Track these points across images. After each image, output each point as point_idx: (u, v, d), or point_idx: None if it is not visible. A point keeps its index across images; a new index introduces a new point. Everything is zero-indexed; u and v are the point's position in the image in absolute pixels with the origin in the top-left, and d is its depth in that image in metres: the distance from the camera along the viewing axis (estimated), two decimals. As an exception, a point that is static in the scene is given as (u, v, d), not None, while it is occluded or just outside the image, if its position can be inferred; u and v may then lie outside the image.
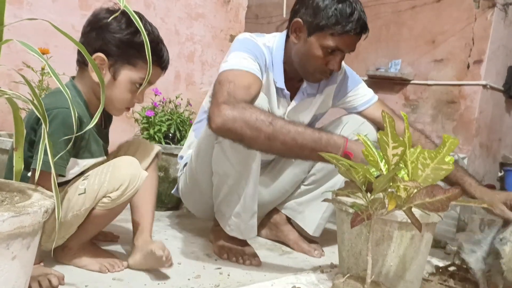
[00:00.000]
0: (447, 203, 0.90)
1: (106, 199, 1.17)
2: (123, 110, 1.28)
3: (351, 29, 1.38)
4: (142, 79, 1.20)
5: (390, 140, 0.94)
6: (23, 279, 0.71)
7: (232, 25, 2.82)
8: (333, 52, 1.43)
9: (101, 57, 1.17)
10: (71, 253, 1.23)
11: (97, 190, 1.15)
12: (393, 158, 0.96)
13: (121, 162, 1.19)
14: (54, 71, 0.77)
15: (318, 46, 1.41)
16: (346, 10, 1.37)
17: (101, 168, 1.19)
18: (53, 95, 1.15)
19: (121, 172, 1.16)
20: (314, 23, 1.40)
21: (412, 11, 3.79)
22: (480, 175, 3.63)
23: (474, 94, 3.45)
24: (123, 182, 1.16)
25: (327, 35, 1.39)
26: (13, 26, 1.87)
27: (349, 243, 1.17)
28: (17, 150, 0.82)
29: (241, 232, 1.47)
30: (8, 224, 0.64)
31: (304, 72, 1.50)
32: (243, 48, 1.39)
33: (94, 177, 1.17)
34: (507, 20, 3.50)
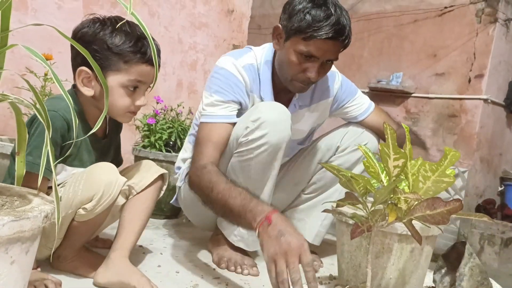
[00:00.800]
0: (448, 216, 0.90)
1: (83, 211, 1.12)
2: (128, 115, 1.23)
3: (324, 33, 1.30)
4: (132, 81, 1.17)
5: (392, 151, 0.94)
6: (21, 283, 0.71)
7: (235, 35, 2.83)
8: (309, 58, 1.36)
9: (85, 70, 1.14)
10: (66, 261, 1.21)
11: (72, 199, 1.11)
12: (394, 170, 0.96)
13: (96, 169, 1.14)
14: (57, 77, 0.77)
15: (293, 51, 1.37)
16: (319, 14, 1.31)
17: (77, 175, 1.15)
18: (48, 100, 1.16)
19: (95, 180, 1.11)
20: (288, 27, 1.36)
21: (414, 25, 3.82)
22: (480, 190, 3.63)
23: (475, 108, 3.46)
24: (97, 191, 1.10)
25: (300, 39, 1.34)
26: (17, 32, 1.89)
27: (348, 255, 1.17)
28: (20, 154, 0.82)
29: (247, 244, 1.47)
30: (7, 228, 0.64)
31: (284, 80, 1.46)
32: (216, 87, 1.43)
33: (70, 185, 1.13)
34: (508, 35, 3.53)
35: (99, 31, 1.15)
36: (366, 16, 4.10)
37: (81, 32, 1.15)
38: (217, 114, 1.41)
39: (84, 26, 1.17)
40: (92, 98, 1.17)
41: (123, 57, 1.14)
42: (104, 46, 1.14)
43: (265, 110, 1.34)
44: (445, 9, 3.64)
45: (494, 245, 3.21)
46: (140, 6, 2.37)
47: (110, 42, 1.14)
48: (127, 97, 1.19)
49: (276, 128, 1.32)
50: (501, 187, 3.83)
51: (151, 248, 1.53)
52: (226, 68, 1.44)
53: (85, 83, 1.16)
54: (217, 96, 1.41)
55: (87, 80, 1.15)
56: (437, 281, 1.33)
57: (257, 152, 1.33)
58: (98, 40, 1.14)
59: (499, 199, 3.81)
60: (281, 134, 1.33)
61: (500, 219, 3.51)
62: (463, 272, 1.22)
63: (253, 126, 1.32)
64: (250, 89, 1.47)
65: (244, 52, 1.51)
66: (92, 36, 1.14)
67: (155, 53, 0.87)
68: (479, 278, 1.24)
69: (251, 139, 1.33)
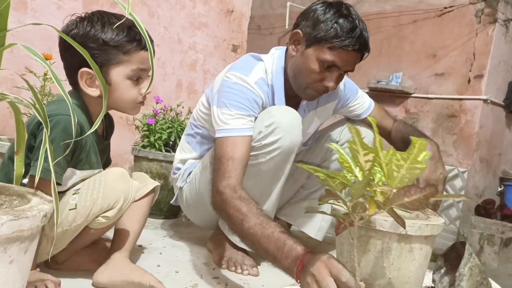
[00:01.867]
0: (425, 201, 0.90)
1: (103, 219, 1.13)
2: (137, 106, 1.23)
3: (350, 44, 1.33)
4: (135, 71, 1.17)
5: (360, 148, 0.95)
6: (20, 283, 0.71)
7: (235, 35, 2.83)
8: (329, 68, 1.37)
9: (86, 71, 1.13)
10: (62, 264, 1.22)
11: (90, 207, 1.11)
12: (366, 164, 0.97)
13: (112, 176, 1.15)
14: (57, 76, 0.77)
15: (315, 59, 1.37)
16: (347, 25, 1.33)
17: (92, 183, 1.14)
18: (56, 103, 1.13)
19: (114, 189, 1.12)
20: (313, 35, 1.36)
21: (414, 25, 3.82)
22: (480, 190, 3.63)
23: (474, 108, 3.46)
24: (118, 199, 1.12)
25: (325, 48, 1.35)
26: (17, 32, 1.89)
27: (347, 254, 1.17)
28: (18, 154, 0.82)
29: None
30: (6, 228, 0.64)
31: (297, 87, 1.45)
32: (234, 103, 1.36)
33: (86, 193, 1.13)
34: (508, 35, 3.53)
35: (89, 29, 1.13)
36: (366, 17, 4.09)
37: (71, 34, 1.13)
38: (239, 128, 1.34)
39: (71, 27, 1.15)
40: (99, 97, 1.16)
41: (121, 49, 1.14)
42: (100, 42, 1.12)
43: (278, 115, 1.33)
44: (444, 9, 3.64)
45: (494, 245, 3.21)
46: (139, 7, 2.37)
47: (104, 37, 1.12)
48: (134, 88, 1.18)
49: (289, 134, 1.32)
50: (501, 187, 3.83)
51: (150, 248, 1.53)
52: (240, 83, 1.39)
53: (88, 84, 1.15)
54: (237, 110, 1.35)
55: (90, 80, 1.14)
56: (437, 281, 1.33)
57: (269, 157, 1.34)
58: (91, 37, 1.12)
59: (499, 199, 3.82)
60: (294, 138, 1.34)
61: (500, 219, 3.51)
62: (463, 272, 1.22)
63: (267, 131, 1.32)
64: (265, 103, 1.44)
65: (251, 67, 1.44)
66: (84, 36, 1.12)
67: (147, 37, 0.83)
68: (478, 278, 1.24)
69: (264, 144, 1.33)
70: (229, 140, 1.32)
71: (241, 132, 1.33)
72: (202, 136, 1.61)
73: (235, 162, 1.29)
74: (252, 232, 1.14)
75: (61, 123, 1.05)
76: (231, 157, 1.30)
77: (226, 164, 1.29)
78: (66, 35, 1.12)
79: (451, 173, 3.52)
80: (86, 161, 1.17)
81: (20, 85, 1.82)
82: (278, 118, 1.32)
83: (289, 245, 1.11)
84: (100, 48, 1.13)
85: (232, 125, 1.34)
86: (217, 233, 1.56)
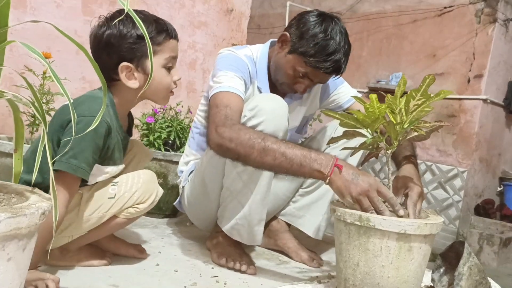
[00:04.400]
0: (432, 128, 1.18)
1: (133, 210, 1.24)
2: (169, 95, 1.29)
3: (323, 67, 1.44)
4: (168, 59, 1.23)
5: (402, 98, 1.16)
6: (18, 281, 0.71)
7: (234, 34, 2.83)
8: (302, 77, 1.49)
9: (125, 65, 1.19)
10: (69, 254, 1.24)
11: (127, 198, 1.22)
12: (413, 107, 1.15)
13: (149, 176, 1.26)
14: (56, 74, 0.77)
15: (292, 66, 1.48)
16: (327, 50, 1.42)
17: (130, 178, 1.24)
18: (86, 102, 1.15)
19: (149, 186, 1.25)
20: (296, 45, 1.46)
21: (414, 25, 3.82)
22: (479, 190, 3.63)
23: (474, 108, 3.46)
24: (151, 195, 1.25)
25: (302, 61, 1.45)
26: (16, 30, 1.89)
27: (346, 253, 1.16)
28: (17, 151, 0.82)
29: (245, 238, 1.48)
30: (4, 225, 0.64)
31: (275, 80, 1.56)
32: (228, 66, 1.45)
33: (125, 186, 1.23)
34: (507, 35, 3.53)
35: (122, 27, 1.19)
36: (366, 16, 4.10)
37: (106, 35, 1.19)
38: (236, 87, 1.40)
39: (103, 28, 1.21)
40: (137, 89, 1.22)
41: (154, 41, 1.19)
42: (134, 37, 1.18)
43: (262, 100, 1.36)
44: (444, 9, 3.64)
45: (493, 245, 3.21)
46: (139, 5, 2.37)
47: (137, 32, 1.18)
48: (168, 76, 1.25)
49: (272, 117, 1.33)
50: (500, 187, 3.83)
51: (149, 247, 1.53)
52: (232, 54, 1.51)
53: (128, 77, 1.21)
54: (232, 72, 1.44)
55: (130, 73, 1.20)
56: (436, 280, 1.33)
57: None
58: (126, 35, 1.18)
59: (498, 199, 3.82)
60: (278, 122, 1.34)
61: (499, 219, 3.52)
62: (462, 272, 1.22)
63: (250, 115, 1.33)
64: (252, 75, 1.54)
65: (240, 47, 1.59)
66: (120, 35, 1.19)
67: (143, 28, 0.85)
68: (477, 278, 1.24)
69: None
70: (224, 93, 1.37)
71: (234, 90, 1.39)
72: (201, 135, 1.63)
73: (233, 109, 1.33)
74: (275, 147, 1.20)
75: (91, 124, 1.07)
76: (227, 105, 1.33)
77: (224, 110, 1.32)
78: (102, 35, 1.19)
79: (450, 173, 3.52)
80: (110, 158, 1.22)
81: (19, 84, 1.81)
82: (262, 102, 1.35)
83: (315, 152, 1.20)
84: (136, 43, 1.18)
85: (226, 82, 1.40)
86: (215, 231, 1.56)
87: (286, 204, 1.73)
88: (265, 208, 1.44)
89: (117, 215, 1.24)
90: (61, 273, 1.19)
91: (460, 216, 3.46)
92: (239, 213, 1.43)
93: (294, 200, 1.71)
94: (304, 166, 1.18)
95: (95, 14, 2.19)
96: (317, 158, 1.18)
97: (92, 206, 1.20)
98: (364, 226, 1.10)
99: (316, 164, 1.17)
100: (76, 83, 2.14)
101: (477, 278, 1.24)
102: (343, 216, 1.15)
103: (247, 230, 1.45)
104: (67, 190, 1.09)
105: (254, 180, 1.38)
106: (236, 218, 1.44)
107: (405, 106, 1.15)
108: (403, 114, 1.16)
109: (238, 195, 1.42)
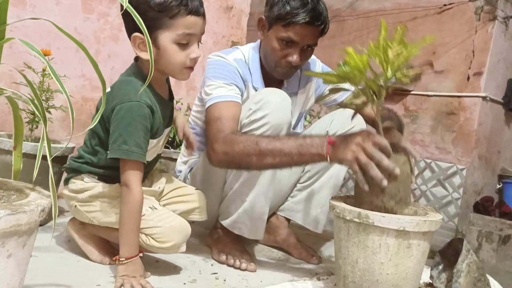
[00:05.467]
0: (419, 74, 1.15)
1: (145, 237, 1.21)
2: (185, 71, 1.26)
3: (301, 18, 1.42)
4: (181, 36, 1.19)
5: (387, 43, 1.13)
6: (17, 277, 0.71)
7: (234, 31, 2.83)
8: (288, 44, 1.47)
9: (138, 36, 1.18)
10: (82, 233, 1.31)
11: (148, 226, 1.20)
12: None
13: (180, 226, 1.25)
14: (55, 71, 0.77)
15: (274, 38, 1.48)
16: (297, 3, 1.43)
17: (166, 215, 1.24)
18: (122, 88, 1.20)
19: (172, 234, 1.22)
20: (270, 17, 1.49)
21: (413, 22, 3.81)
22: (478, 187, 3.63)
23: (473, 106, 3.46)
24: (168, 242, 1.21)
25: (280, 26, 1.46)
26: (15, 27, 1.88)
27: (346, 250, 1.17)
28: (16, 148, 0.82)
29: (246, 233, 1.49)
30: (4, 222, 0.64)
31: (269, 68, 1.56)
32: (216, 74, 1.47)
33: (157, 216, 1.22)
34: (507, 33, 3.52)
35: None
36: (365, 14, 4.09)
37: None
38: (226, 95, 1.42)
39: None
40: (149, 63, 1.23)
41: (167, 14, 1.17)
42: (148, 6, 1.17)
43: (267, 93, 1.39)
44: (444, 6, 3.64)
45: (492, 242, 3.22)
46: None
47: (152, 2, 1.16)
48: (181, 52, 1.21)
49: (277, 109, 1.35)
50: (499, 185, 3.83)
51: (149, 244, 1.53)
52: (220, 60, 1.52)
53: (141, 48, 1.20)
54: (220, 80, 1.45)
55: (143, 44, 1.19)
56: (435, 277, 1.33)
57: (258, 133, 1.35)
58: (142, 3, 1.17)
59: (497, 196, 3.82)
60: (282, 115, 1.36)
61: (498, 217, 3.52)
62: (461, 269, 1.23)
63: (256, 107, 1.36)
64: (245, 78, 1.53)
65: (230, 51, 1.59)
66: (137, 2, 1.16)
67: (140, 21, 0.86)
68: (476, 275, 1.25)
69: (253, 120, 1.36)
70: (214, 106, 1.40)
71: (224, 98, 1.41)
72: (197, 135, 1.63)
73: (224, 120, 1.36)
74: (270, 148, 1.22)
75: (134, 109, 1.16)
76: (218, 117, 1.37)
77: (215, 124, 1.36)
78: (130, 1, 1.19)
79: (449, 171, 3.52)
80: (157, 132, 1.26)
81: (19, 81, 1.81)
82: (267, 96, 1.37)
83: (309, 137, 1.22)
84: (149, 14, 1.17)
85: (214, 93, 1.42)
86: (215, 227, 1.57)
87: (284, 200, 1.73)
88: (268, 202, 1.45)
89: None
90: (62, 269, 1.19)
91: (459, 213, 3.47)
92: (241, 207, 1.44)
93: (292, 195, 1.71)
94: (304, 155, 1.20)
95: (95, 12, 2.20)
96: (312, 143, 1.20)
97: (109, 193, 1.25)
98: (363, 223, 1.11)
99: (313, 149, 1.19)
100: (76, 81, 2.14)
101: (475, 275, 1.24)
102: (342, 213, 1.15)
103: (249, 224, 1.46)
104: (134, 170, 1.16)
105: (256, 175, 1.40)
106: (238, 212, 1.45)
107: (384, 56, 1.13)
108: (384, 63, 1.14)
109: (240, 189, 1.43)
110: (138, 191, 1.16)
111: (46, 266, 1.20)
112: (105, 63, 2.21)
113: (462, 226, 3.46)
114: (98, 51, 2.21)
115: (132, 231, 1.17)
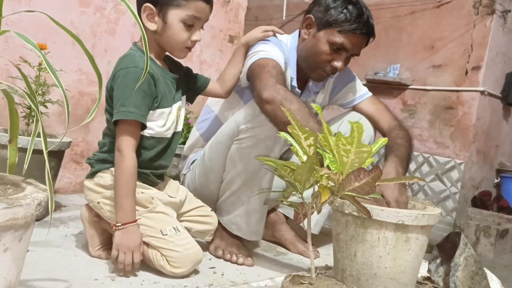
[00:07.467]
0: (373, 184, 0.90)
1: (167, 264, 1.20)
2: (184, 50, 1.31)
3: (358, 28, 1.45)
4: (189, 17, 1.24)
5: (300, 132, 0.95)
6: (14, 271, 0.71)
7: (232, 25, 2.82)
8: (338, 50, 1.48)
9: (149, 6, 1.23)
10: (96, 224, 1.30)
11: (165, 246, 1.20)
12: (310, 149, 0.97)
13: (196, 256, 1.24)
14: (50, 65, 0.76)
15: (325, 41, 1.47)
16: (355, 11, 1.45)
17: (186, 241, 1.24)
18: (128, 56, 1.25)
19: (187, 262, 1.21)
20: (324, 19, 1.47)
21: (412, 16, 3.81)
22: (476, 181, 3.64)
23: (472, 100, 3.46)
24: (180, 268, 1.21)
25: (335, 31, 1.46)
26: (11, 21, 1.87)
27: (344, 244, 1.17)
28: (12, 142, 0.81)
29: (245, 233, 1.48)
30: (0, 216, 0.64)
31: (308, 68, 1.56)
32: (267, 43, 1.49)
33: (178, 239, 1.22)
34: (506, 27, 3.52)
35: None
36: (364, 8, 4.08)
37: None
38: (275, 55, 1.43)
39: None
40: (154, 33, 1.26)
41: None
42: None
43: None
44: (442, 0, 3.63)
45: (490, 236, 3.23)
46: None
47: None
48: (185, 32, 1.26)
49: None
50: (497, 179, 3.84)
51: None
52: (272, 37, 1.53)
53: (149, 18, 1.25)
54: (270, 46, 1.47)
55: (151, 16, 1.24)
56: (432, 270, 1.33)
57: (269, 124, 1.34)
58: None
59: (495, 190, 3.83)
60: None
61: (496, 211, 3.53)
62: (458, 262, 1.23)
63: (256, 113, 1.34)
64: (287, 60, 1.53)
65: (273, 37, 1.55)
66: None
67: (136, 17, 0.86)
68: (473, 268, 1.25)
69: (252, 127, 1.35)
70: (266, 59, 1.40)
71: (273, 57, 1.41)
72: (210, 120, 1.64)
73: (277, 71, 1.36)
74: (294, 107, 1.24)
75: (131, 73, 1.19)
76: (274, 66, 1.37)
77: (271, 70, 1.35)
78: None
79: (448, 165, 3.53)
80: (164, 99, 1.28)
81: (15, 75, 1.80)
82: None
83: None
84: None
85: (264, 52, 1.43)
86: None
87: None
88: (266, 208, 1.45)
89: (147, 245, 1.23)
90: (59, 264, 1.19)
91: (457, 207, 3.48)
92: (238, 209, 1.43)
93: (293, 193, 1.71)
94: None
95: (92, 5, 2.18)
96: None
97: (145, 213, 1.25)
98: (362, 217, 1.10)
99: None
100: (72, 75, 2.13)
101: (473, 269, 1.25)
102: (340, 207, 1.15)
103: (245, 227, 1.46)
104: (129, 135, 1.18)
105: (254, 181, 1.39)
106: (235, 213, 1.44)
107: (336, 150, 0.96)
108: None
109: (237, 192, 1.42)
110: (130, 157, 1.18)
111: (43, 261, 1.19)
112: (102, 57, 2.20)
113: (460, 220, 3.47)
114: (94, 45, 2.20)
115: (126, 196, 1.18)
